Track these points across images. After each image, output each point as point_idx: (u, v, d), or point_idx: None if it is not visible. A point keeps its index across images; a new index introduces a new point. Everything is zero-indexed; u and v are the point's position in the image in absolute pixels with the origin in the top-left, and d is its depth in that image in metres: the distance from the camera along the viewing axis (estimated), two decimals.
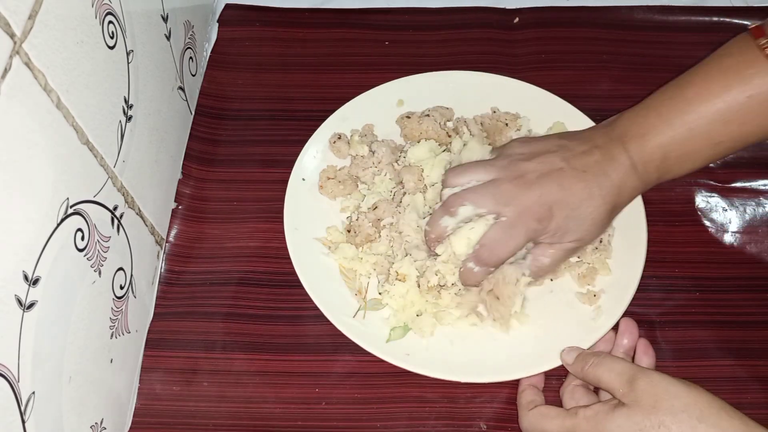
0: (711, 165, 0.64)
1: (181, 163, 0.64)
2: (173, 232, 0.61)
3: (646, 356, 0.52)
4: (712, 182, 0.64)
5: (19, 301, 0.36)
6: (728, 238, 0.61)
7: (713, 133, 0.49)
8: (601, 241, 0.56)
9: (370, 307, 0.55)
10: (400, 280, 0.54)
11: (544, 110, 0.63)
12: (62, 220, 0.40)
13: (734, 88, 0.48)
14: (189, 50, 0.65)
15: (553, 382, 0.54)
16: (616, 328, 0.54)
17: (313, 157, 0.62)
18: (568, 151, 0.51)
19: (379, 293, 0.55)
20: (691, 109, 0.49)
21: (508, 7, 0.74)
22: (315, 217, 0.59)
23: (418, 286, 0.54)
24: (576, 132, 0.56)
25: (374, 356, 0.53)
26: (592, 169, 0.50)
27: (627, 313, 0.54)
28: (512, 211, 0.50)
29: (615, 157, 0.50)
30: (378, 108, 0.65)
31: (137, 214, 0.53)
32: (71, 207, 0.41)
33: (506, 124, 0.62)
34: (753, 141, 0.49)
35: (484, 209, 0.51)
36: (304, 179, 0.61)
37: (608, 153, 0.51)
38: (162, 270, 0.60)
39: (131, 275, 0.52)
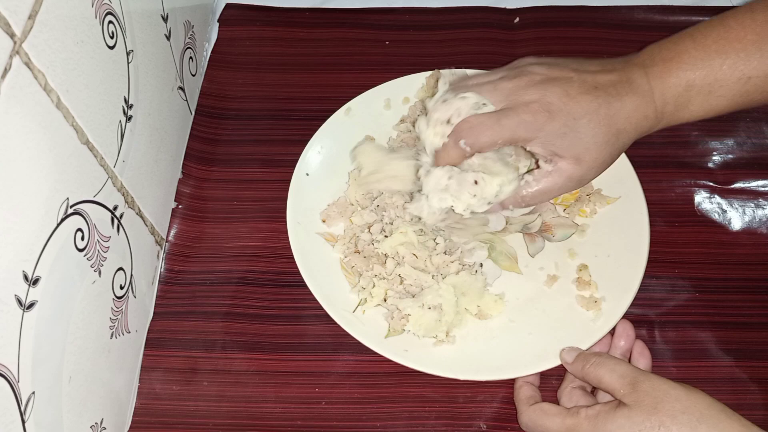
0: (710, 165, 0.65)
1: (181, 162, 0.64)
2: (173, 232, 0.62)
3: (642, 357, 0.52)
4: (711, 183, 0.64)
5: (19, 301, 0.36)
6: (728, 239, 0.61)
7: (747, 65, 0.45)
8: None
9: (397, 332, 0.54)
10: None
11: None
12: (62, 220, 0.40)
13: None
14: (189, 50, 0.65)
15: (553, 381, 0.54)
16: (611, 330, 0.54)
17: (318, 152, 0.62)
18: (583, 67, 0.48)
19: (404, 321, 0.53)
20: (730, 35, 0.45)
21: (508, 7, 0.74)
22: (317, 211, 0.59)
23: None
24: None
25: (374, 356, 0.53)
26: (604, 86, 0.47)
27: (626, 314, 0.54)
28: (510, 102, 0.47)
29: (632, 80, 0.47)
30: (384, 103, 0.65)
31: (137, 213, 0.53)
32: (71, 207, 0.41)
33: None
34: None
35: (485, 100, 0.48)
36: (308, 174, 0.61)
37: (626, 75, 0.47)
38: (162, 270, 0.60)
39: (131, 275, 0.52)
